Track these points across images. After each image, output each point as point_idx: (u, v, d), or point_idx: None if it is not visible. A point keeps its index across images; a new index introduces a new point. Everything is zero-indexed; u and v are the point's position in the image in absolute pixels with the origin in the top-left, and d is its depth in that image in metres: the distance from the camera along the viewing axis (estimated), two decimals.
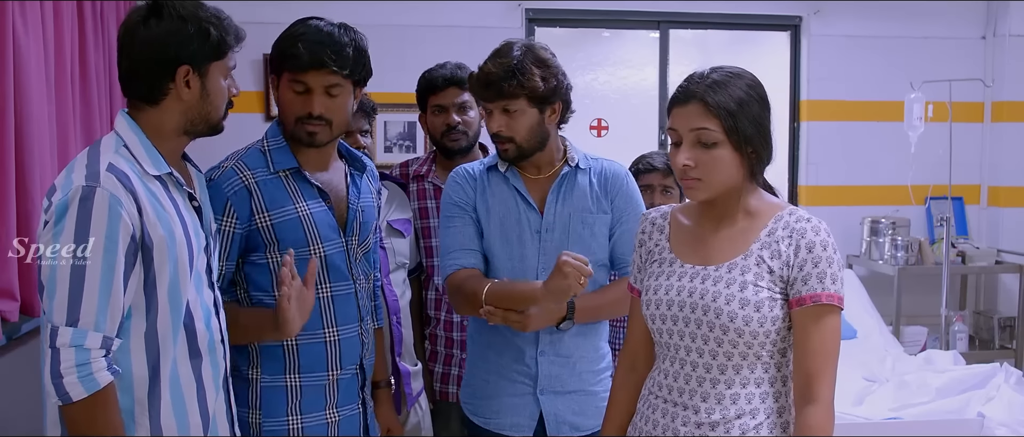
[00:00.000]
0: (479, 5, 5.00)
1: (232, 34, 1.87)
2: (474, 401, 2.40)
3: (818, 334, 1.73)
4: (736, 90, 1.77)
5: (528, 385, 2.33)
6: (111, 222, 1.67)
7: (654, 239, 1.95)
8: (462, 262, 2.32)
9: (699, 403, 1.80)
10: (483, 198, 2.35)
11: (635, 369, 2.00)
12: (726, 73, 1.80)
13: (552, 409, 2.33)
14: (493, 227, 2.32)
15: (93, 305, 1.66)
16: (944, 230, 4.75)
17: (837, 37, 5.28)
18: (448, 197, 2.38)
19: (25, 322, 2.93)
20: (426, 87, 2.90)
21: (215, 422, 1.90)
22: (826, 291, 1.73)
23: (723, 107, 1.75)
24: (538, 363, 2.32)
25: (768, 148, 1.82)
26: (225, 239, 2.08)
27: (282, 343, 2.12)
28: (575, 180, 2.35)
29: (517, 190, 2.33)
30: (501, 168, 2.35)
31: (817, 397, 1.71)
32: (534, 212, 2.32)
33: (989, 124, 5.38)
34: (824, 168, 5.34)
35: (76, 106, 3.40)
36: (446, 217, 2.38)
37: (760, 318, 1.74)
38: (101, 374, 1.67)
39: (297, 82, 2.11)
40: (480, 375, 2.39)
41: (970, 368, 3.81)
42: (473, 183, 2.36)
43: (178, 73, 1.81)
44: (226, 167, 2.12)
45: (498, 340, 2.34)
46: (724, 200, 1.84)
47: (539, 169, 2.35)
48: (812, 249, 1.75)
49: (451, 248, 2.34)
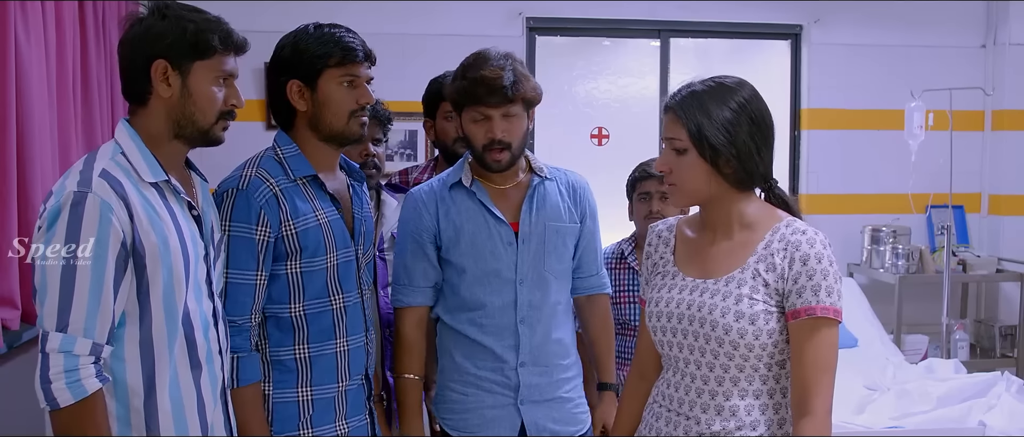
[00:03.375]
0: (480, 14, 5.01)
1: (218, 35, 1.84)
2: (453, 416, 2.39)
3: (813, 347, 1.72)
4: (714, 100, 1.78)
5: (509, 396, 2.33)
6: (101, 227, 1.67)
7: (660, 252, 1.96)
8: (410, 300, 2.36)
9: (700, 414, 1.81)
10: (448, 218, 2.33)
11: (645, 377, 2.02)
12: (712, 83, 1.81)
13: (533, 418, 2.34)
14: (463, 245, 2.31)
15: (82, 311, 1.65)
16: (945, 238, 4.74)
17: (837, 46, 5.29)
18: (404, 222, 2.39)
19: (26, 330, 2.93)
20: (439, 92, 2.89)
21: (213, 433, 1.89)
22: (821, 304, 1.71)
23: (690, 116, 1.78)
24: (519, 374, 2.32)
25: (750, 161, 1.79)
26: (262, 250, 2.04)
27: (295, 356, 2.11)
28: (545, 190, 2.37)
29: (484, 205, 2.32)
30: (466, 182, 2.33)
31: (812, 410, 1.70)
32: (504, 226, 2.32)
33: (989, 132, 5.38)
34: (825, 177, 5.34)
35: (77, 111, 3.41)
36: (400, 241, 2.40)
37: (756, 331, 1.75)
38: (89, 381, 1.66)
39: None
40: (457, 388, 2.38)
41: (971, 377, 3.81)
42: (434, 206, 2.35)
43: (155, 68, 1.81)
44: (249, 176, 2.07)
45: (477, 352, 2.34)
46: (713, 210, 1.85)
47: (506, 179, 2.35)
48: (806, 261, 1.73)
49: (400, 279, 2.38)
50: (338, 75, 2.11)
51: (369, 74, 2.17)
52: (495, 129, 2.25)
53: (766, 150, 1.81)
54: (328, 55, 2.09)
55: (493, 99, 2.22)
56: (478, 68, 2.24)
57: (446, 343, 2.41)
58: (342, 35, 2.12)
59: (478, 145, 2.28)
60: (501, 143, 2.26)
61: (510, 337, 2.32)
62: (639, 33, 5.35)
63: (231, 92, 1.90)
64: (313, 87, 2.11)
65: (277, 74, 2.14)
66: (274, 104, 2.17)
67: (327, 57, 2.09)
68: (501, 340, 2.32)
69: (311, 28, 2.14)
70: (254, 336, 2.07)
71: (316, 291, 2.11)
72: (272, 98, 2.18)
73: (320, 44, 2.10)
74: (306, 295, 2.10)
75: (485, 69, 2.23)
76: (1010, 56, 5.21)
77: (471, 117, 2.28)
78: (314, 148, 2.15)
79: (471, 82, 2.24)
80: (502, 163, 2.29)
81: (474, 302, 2.32)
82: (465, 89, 2.26)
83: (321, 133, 2.14)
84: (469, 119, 2.28)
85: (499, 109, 2.24)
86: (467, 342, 2.34)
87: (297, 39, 2.13)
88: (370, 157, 2.67)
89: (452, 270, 2.34)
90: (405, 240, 2.38)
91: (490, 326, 2.32)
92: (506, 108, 2.24)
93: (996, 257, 5.19)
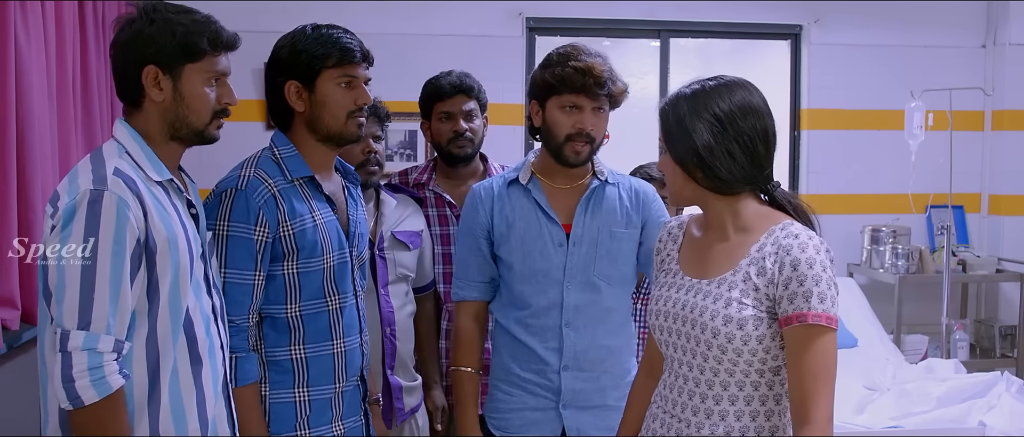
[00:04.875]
0: (480, 14, 5.01)
1: (206, 37, 1.84)
2: (498, 415, 2.39)
3: (809, 355, 1.66)
4: (691, 105, 1.76)
5: (551, 399, 2.32)
6: (119, 225, 1.68)
7: (668, 249, 1.96)
8: (466, 294, 2.39)
9: (690, 417, 1.80)
10: (502, 214, 2.34)
11: (652, 375, 2.01)
12: (698, 87, 1.79)
13: (575, 424, 2.31)
14: (513, 242, 2.32)
15: (104, 308, 1.66)
16: (945, 238, 4.74)
17: (837, 46, 5.28)
18: (464, 216, 2.43)
19: (26, 330, 2.93)
20: (433, 93, 2.90)
21: (215, 427, 1.90)
22: (813, 310, 1.66)
23: (664, 119, 1.80)
24: (561, 377, 2.31)
25: (723, 167, 1.74)
26: (260, 250, 2.05)
27: (291, 357, 2.11)
28: (604, 193, 2.35)
29: (538, 204, 2.32)
30: (523, 180, 2.34)
31: (810, 419, 1.65)
32: (556, 226, 2.31)
33: (989, 133, 5.38)
34: (824, 177, 5.34)
35: (77, 111, 3.41)
36: (459, 235, 2.44)
37: (744, 336, 1.71)
38: (113, 377, 1.68)
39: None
40: (503, 387, 2.38)
41: (971, 377, 3.81)
42: (490, 203, 2.36)
43: (145, 74, 1.81)
44: (247, 176, 2.07)
45: (522, 353, 2.34)
46: (707, 211, 1.84)
47: (567, 179, 2.35)
48: (796, 266, 1.68)
49: (458, 273, 2.42)
50: (336, 76, 2.11)
51: (367, 75, 2.17)
52: (586, 120, 2.25)
53: (753, 155, 1.75)
54: (326, 56, 2.10)
55: (592, 89, 2.23)
56: (578, 58, 2.24)
57: (497, 342, 2.42)
58: (339, 36, 2.13)
59: (561, 134, 2.27)
60: (588, 136, 2.26)
61: (554, 340, 2.31)
62: (639, 33, 5.35)
63: (224, 91, 1.91)
64: (311, 88, 2.12)
65: (275, 75, 2.15)
66: (272, 105, 2.18)
67: (325, 58, 2.10)
68: (545, 342, 2.31)
69: (309, 29, 2.14)
70: (251, 336, 2.08)
71: (312, 292, 2.12)
72: (270, 99, 2.18)
73: (318, 45, 2.10)
74: (302, 296, 2.11)
75: (587, 59, 2.23)
76: (1010, 56, 5.21)
77: (561, 105, 2.26)
78: (311, 149, 2.15)
79: (573, 70, 2.23)
80: (582, 156, 2.29)
81: (521, 301, 2.33)
82: (563, 77, 2.24)
83: (319, 134, 2.14)
84: (556, 107, 2.27)
85: (594, 101, 2.25)
86: (514, 342, 2.34)
87: (295, 40, 2.13)
88: (371, 154, 2.68)
89: (503, 266, 2.36)
90: (462, 235, 2.40)
91: (535, 326, 2.32)
92: (599, 102, 2.25)
93: (996, 257, 5.19)
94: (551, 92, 2.27)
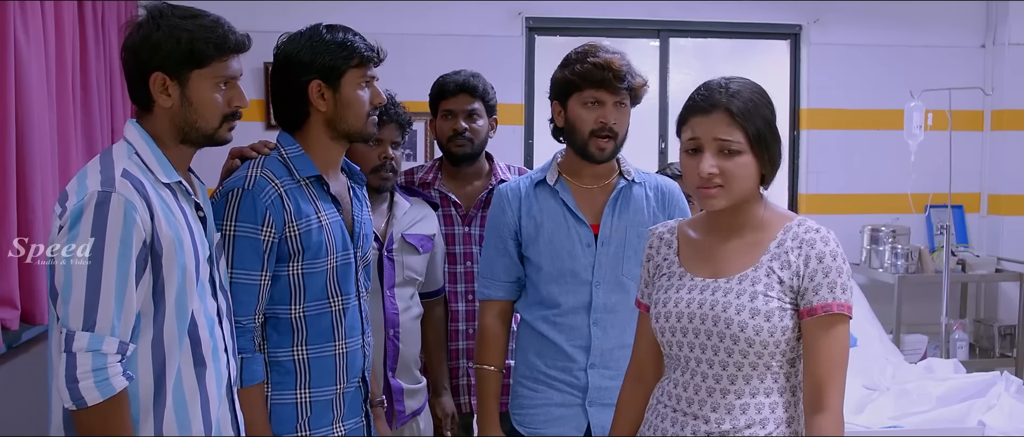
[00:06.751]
0: (480, 14, 5.01)
1: (213, 42, 1.83)
2: (522, 411, 2.40)
3: (828, 343, 1.75)
4: (754, 99, 1.81)
5: (577, 396, 2.33)
6: (126, 227, 1.68)
7: (662, 253, 1.96)
8: (492, 294, 2.40)
9: (709, 413, 1.82)
10: (529, 215, 2.35)
11: (642, 381, 2.01)
12: (742, 83, 1.83)
13: (600, 421, 2.31)
14: (541, 243, 2.33)
15: (109, 310, 1.67)
16: (944, 238, 4.75)
17: (837, 46, 5.29)
18: (490, 216, 2.44)
19: (25, 330, 2.93)
20: (439, 91, 2.91)
21: (219, 429, 1.90)
22: (837, 301, 1.75)
23: (747, 117, 1.78)
24: (588, 375, 2.31)
25: (780, 155, 1.85)
26: (267, 250, 2.05)
27: (293, 358, 2.12)
28: (631, 193, 2.36)
29: (565, 204, 2.33)
30: (550, 181, 2.35)
31: (827, 406, 1.73)
32: (585, 226, 2.32)
33: (989, 132, 5.38)
34: (824, 177, 5.34)
35: (77, 111, 3.40)
36: (486, 235, 2.46)
37: (771, 328, 1.76)
38: (117, 379, 1.68)
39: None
40: (528, 385, 2.38)
41: (970, 376, 3.81)
42: (517, 203, 2.37)
43: (152, 81, 1.82)
44: (254, 176, 2.06)
45: (548, 350, 2.34)
46: (735, 211, 1.85)
47: (594, 179, 2.35)
48: (822, 259, 1.77)
49: (484, 273, 2.44)
50: (358, 76, 2.13)
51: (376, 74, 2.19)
52: (608, 115, 2.26)
53: None
54: (350, 56, 2.11)
55: (612, 84, 2.24)
56: (596, 54, 2.26)
57: (523, 340, 2.42)
58: (355, 37, 2.15)
59: (585, 130, 2.28)
60: (611, 131, 2.27)
61: (582, 338, 2.32)
62: (639, 33, 5.35)
63: (234, 94, 1.90)
64: (336, 87, 2.12)
65: (294, 74, 2.12)
66: (286, 104, 2.16)
67: (350, 58, 2.12)
68: (572, 340, 2.32)
69: (324, 30, 2.14)
70: (257, 337, 2.08)
71: (316, 293, 2.12)
72: (284, 98, 2.16)
73: (341, 46, 2.12)
74: (306, 297, 2.11)
75: (606, 55, 2.26)
76: (1010, 56, 5.21)
77: (582, 101, 2.28)
78: (322, 148, 2.15)
79: (593, 65, 2.25)
80: (606, 152, 2.30)
81: (549, 300, 2.33)
82: (584, 73, 2.26)
83: (338, 131, 2.15)
84: (579, 103, 2.29)
85: (615, 96, 2.26)
86: (540, 340, 2.34)
87: (314, 41, 2.12)
88: (388, 160, 2.68)
89: (531, 267, 2.36)
90: (490, 235, 2.42)
91: (563, 325, 2.32)
92: (620, 96, 2.26)
93: (995, 257, 5.19)
94: (572, 89, 2.29)
